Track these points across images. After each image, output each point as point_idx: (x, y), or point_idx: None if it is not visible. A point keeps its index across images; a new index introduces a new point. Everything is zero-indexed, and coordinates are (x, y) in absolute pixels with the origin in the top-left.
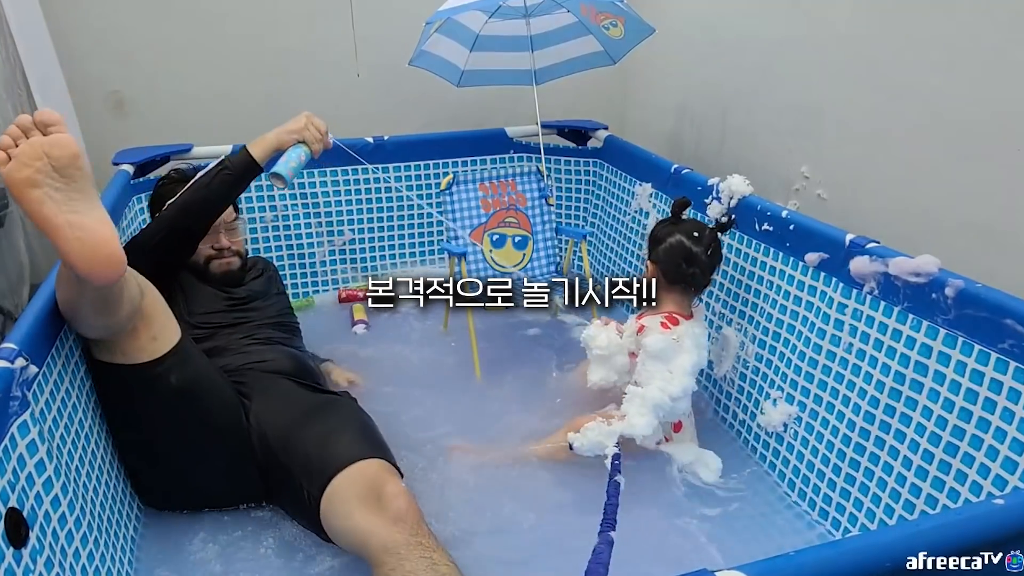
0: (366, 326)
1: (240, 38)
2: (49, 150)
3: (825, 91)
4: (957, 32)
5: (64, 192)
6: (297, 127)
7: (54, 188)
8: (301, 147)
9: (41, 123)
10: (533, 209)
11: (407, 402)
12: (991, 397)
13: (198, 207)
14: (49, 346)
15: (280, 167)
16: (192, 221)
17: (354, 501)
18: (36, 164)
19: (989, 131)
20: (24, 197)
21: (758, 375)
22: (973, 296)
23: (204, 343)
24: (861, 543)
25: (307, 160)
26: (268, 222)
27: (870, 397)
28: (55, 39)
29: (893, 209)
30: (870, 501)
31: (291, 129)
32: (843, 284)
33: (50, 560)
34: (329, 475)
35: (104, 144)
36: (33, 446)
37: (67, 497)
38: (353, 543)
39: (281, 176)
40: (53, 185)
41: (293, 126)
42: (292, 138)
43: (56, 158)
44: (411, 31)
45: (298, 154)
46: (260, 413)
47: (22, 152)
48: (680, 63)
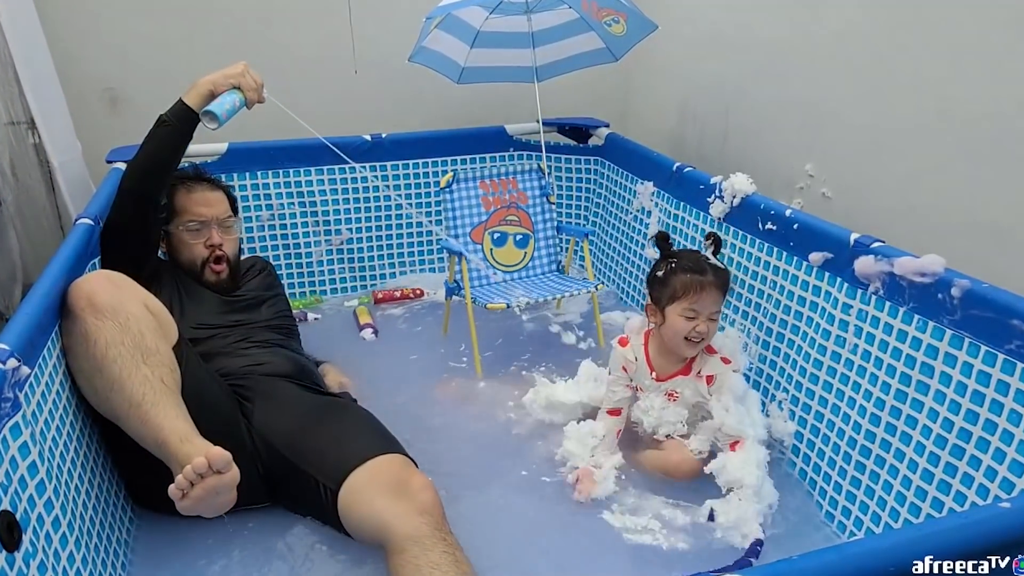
0: (374, 331)
1: (236, 35)
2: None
3: (830, 88)
4: (964, 28)
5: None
6: (234, 72)
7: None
8: (236, 92)
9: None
10: (534, 207)
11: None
12: (998, 399)
13: (145, 166)
14: (41, 347)
15: (213, 106)
16: (144, 184)
17: (379, 490)
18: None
19: (996, 128)
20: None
21: (762, 376)
22: (979, 296)
23: (201, 345)
24: (866, 547)
25: (241, 106)
26: (265, 221)
27: (875, 399)
28: (49, 36)
29: (899, 208)
30: (875, 504)
31: (227, 74)
32: (848, 284)
33: (43, 563)
34: (350, 468)
35: (98, 141)
36: (25, 448)
37: (59, 500)
38: (374, 530)
39: (214, 114)
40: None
41: (230, 71)
42: (228, 83)
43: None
44: (410, 27)
45: (232, 99)
46: (263, 416)
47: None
48: (682, 59)
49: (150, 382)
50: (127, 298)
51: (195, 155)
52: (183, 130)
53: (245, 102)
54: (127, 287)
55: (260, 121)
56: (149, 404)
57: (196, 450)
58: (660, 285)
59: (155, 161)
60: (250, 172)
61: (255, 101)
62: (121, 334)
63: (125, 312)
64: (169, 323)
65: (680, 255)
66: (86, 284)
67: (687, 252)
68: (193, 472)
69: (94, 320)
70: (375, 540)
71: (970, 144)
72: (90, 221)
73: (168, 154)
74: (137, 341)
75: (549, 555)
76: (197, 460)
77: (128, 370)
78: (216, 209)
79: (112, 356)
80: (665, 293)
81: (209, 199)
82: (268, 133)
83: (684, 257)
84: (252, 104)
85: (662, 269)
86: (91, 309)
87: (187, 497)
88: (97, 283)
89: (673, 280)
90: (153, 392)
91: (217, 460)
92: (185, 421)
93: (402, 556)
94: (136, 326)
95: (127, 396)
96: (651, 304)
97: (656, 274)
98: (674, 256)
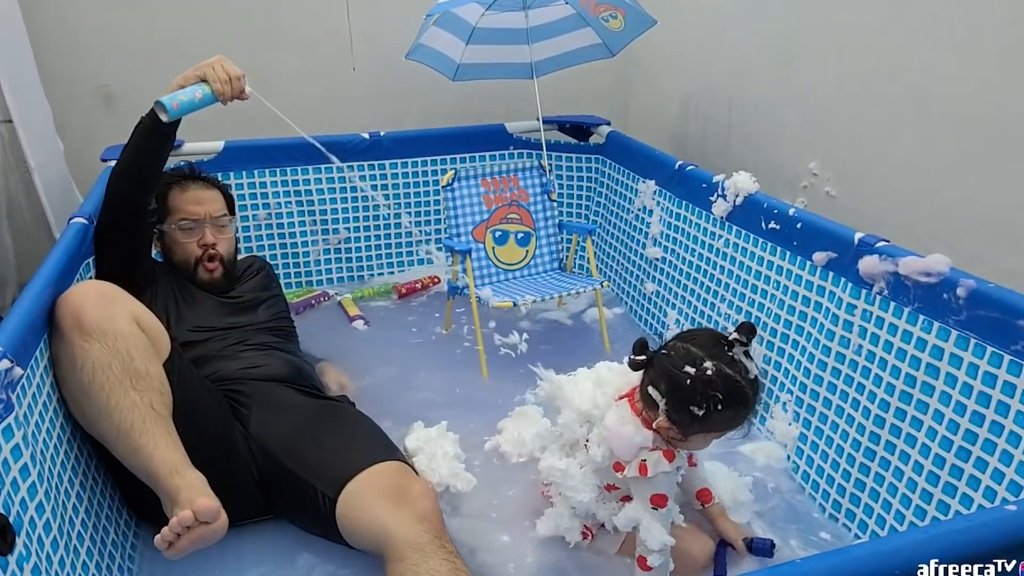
0: (365, 322)
1: (233, 31)
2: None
3: (835, 85)
4: (972, 24)
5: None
6: (202, 64)
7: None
8: (202, 85)
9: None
10: (535, 205)
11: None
12: (1004, 400)
13: (126, 169)
14: (34, 348)
15: (166, 96)
16: (127, 187)
17: (377, 497)
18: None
19: (1003, 126)
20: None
21: (765, 377)
22: (985, 296)
23: (198, 348)
24: (870, 550)
25: (206, 100)
26: (262, 220)
27: (880, 400)
28: (42, 33)
29: (903, 207)
30: (880, 507)
31: (197, 67)
32: (852, 284)
33: (37, 567)
34: (349, 476)
35: (93, 139)
36: (17, 450)
37: (51, 503)
38: (373, 537)
39: (162, 104)
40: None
41: (202, 63)
42: (195, 75)
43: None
44: (408, 24)
45: (194, 90)
46: (260, 423)
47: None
48: (684, 56)
49: (139, 409)
50: (116, 314)
51: (191, 153)
52: (157, 129)
53: (214, 96)
54: (116, 301)
55: (258, 120)
56: (138, 433)
57: (186, 484)
58: (694, 421)
59: (135, 163)
60: (247, 171)
61: (225, 95)
62: (109, 357)
63: (114, 332)
64: (160, 337)
65: (722, 380)
66: (73, 299)
67: (727, 377)
68: (180, 525)
69: (81, 342)
70: (374, 548)
71: (977, 142)
72: (84, 220)
73: (146, 156)
74: (126, 364)
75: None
76: (183, 514)
77: (116, 397)
78: (209, 207)
79: (99, 382)
80: (697, 426)
81: (202, 197)
82: (266, 131)
83: (727, 384)
84: (224, 98)
85: (702, 406)
86: (78, 330)
87: (173, 547)
88: (84, 298)
89: (714, 418)
90: (142, 420)
91: (204, 512)
92: (175, 449)
93: (401, 563)
94: (125, 347)
95: (115, 424)
96: (670, 424)
97: (691, 409)
98: (714, 386)
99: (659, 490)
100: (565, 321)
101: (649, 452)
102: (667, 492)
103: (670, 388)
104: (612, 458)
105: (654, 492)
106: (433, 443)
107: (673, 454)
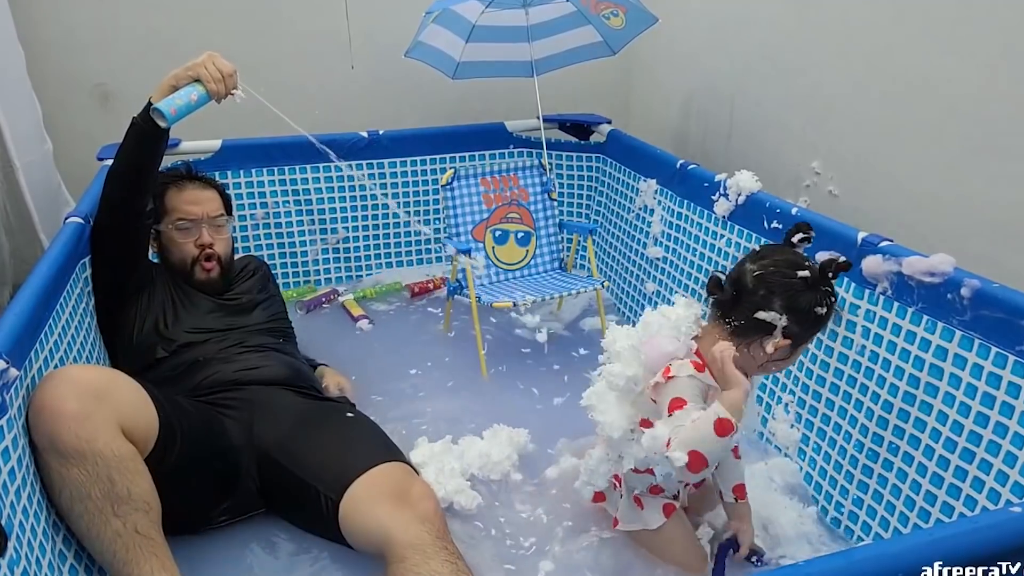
0: (369, 322)
1: (231, 28)
2: None
3: (837, 83)
4: (974, 21)
5: None
6: (194, 63)
7: None
8: (196, 85)
9: None
10: (535, 204)
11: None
12: (1009, 401)
13: (120, 170)
14: (29, 348)
15: (162, 103)
16: (122, 188)
17: (380, 498)
18: None
19: (1006, 124)
20: None
21: (768, 378)
22: (990, 296)
23: (196, 350)
24: (874, 552)
25: (202, 100)
26: (259, 219)
27: (883, 401)
28: (37, 32)
29: (907, 206)
30: (883, 509)
31: (187, 66)
32: (855, 284)
33: (26, 571)
34: (351, 477)
35: (90, 138)
36: (7, 453)
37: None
38: (375, 539)
39: (160, 111)
40: None
41: (190, 63)
42: (188, 75)
43: None
44: (408, 21)
45: (189, 92)
46: (261, 426)
47: None
48: (686, 54)
49: (122, 537)
50: (97, 431)
51: (188, 152)
52: (151, 131)
53: (208, 95)
54: (97, 410)
55: (255, 118)
56: (121, 563)
57: None
58: (814, 324)
59: (129, 164)
60: (244, 169)
61: (219, 93)
62: (89, 485)
63: (93, 455)
64: (148, 425)
65: (822, 273)
66: (48, 409)
67: (824, 268)
68: None
69: (58, 467)
70: (376, 549)
71: (979, 141)
72: (80, 219)
73: (140, 157)
74: (106, 491)
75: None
76: None
77: (97, 527)
78: (206, 207)
79: (79, 512)
80: (812, 330)
81: (199, 197)
82: (263, 130)
83: (826, 277)
84: (218, 97)
85: (823, 304)
86: (54, 452)
87: None
88: (61, 411)
89: (829, 315)
90: (125, 549)
91: None
92: (161, 572)
93: (403, 564)
94: (106, 472)
95: (98, 552)
96: (781, 340)
97: (816, 311)
98: (826, 281)
99: (679, 393)
100: (563, 332)
101: (679, 362)
102: (687, 398)
103: (789, 299)
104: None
105: (674, 395)
106: (438, 458)
107: (703, 365)
